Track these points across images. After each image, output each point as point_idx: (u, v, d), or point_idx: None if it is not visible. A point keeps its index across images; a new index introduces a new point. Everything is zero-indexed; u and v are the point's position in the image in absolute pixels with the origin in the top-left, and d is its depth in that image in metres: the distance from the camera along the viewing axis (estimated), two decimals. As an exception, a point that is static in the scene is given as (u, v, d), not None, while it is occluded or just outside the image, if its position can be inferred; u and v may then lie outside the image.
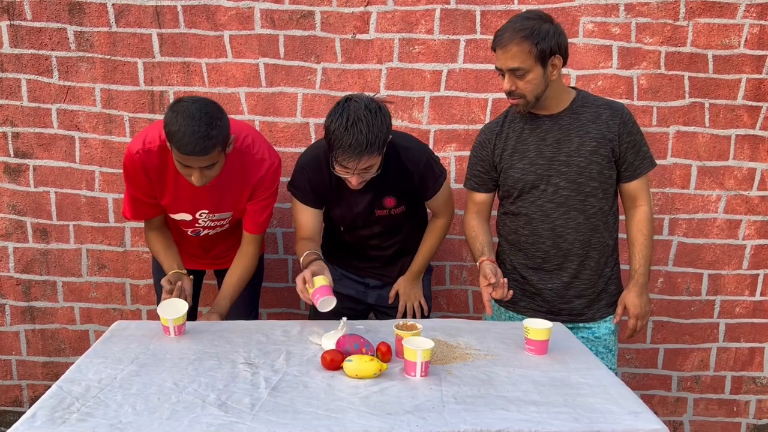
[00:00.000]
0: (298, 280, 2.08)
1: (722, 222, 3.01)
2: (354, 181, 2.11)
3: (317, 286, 2.03)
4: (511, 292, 2.14)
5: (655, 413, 1.58)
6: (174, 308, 2.02)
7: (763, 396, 3.19)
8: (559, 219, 2.19)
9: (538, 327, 1.90)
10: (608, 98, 2.29)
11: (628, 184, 2.22)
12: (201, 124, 1.94)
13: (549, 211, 2.19)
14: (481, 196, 2.34)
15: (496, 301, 2.35)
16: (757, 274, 3.06)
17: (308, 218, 2.35)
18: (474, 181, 2.34)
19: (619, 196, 2.28)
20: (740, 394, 3.19)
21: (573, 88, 2.23)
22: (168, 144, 2.05)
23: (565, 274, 2.24)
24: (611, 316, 2.29)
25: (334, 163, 2.09)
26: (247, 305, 2.60)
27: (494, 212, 2.43)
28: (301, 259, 2.23)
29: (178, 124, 1.94)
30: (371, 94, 2.13)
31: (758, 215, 3.01)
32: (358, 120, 1.99)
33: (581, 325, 2.28)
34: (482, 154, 2.28)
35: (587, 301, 2.26)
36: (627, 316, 2.25)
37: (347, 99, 2.07)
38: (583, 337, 2.27)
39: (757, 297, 3.08)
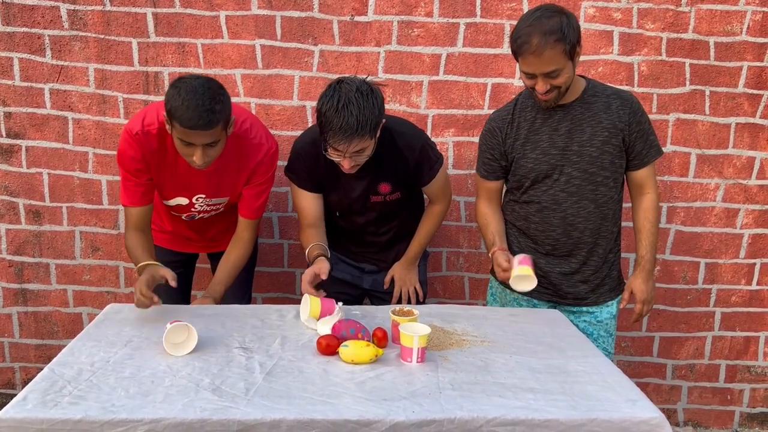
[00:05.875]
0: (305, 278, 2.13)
1: (720, 210, 3.00)
2: (346, 164, 2.09)
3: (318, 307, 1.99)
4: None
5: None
6: (181, 335, 1.78)
7: (757, 385, 3.20)
8: (570, 208, 2.18)
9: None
10: (615, 86, 2.27)
11: (635, 173, 2.21)
12: (205, 99, 1.93)
13: (561, 200, 2.18)
14: (489, 184, 2.32)
15: (501, 282, 2.35)
16: (754, 263, 3.06)
17: (309, 203, 2.33)
18: (483, 170, 2.31)
19: (625, 184, 2.27)
20: (734, 382, 3.20)
21: (580, 76, 2.19)
22: (167, 124, 2.02)
23: (574, 261, 2.25)
24: (613, 301, 2.31)
25: (326, 146, 2.07)
26: (242, 289, 2.58)
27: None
28: (306, 252, 2.27)
29: (181, 99, 1.92)
30: (365, 77, 2.10)
31: (756, 204, 3.00)
32: (349, 102, 1.98)
33: (584, 309, 2.29)
34: (492, 143, 2.25)
35: (592, 286, 2.27)
36: (633, 301, 2.26)
37: (339, 81, 2.05)
38: (585, 320, 2.29)
39: (754, 286, 3.08)
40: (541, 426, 1.44)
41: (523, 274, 2.04)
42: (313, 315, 1.96)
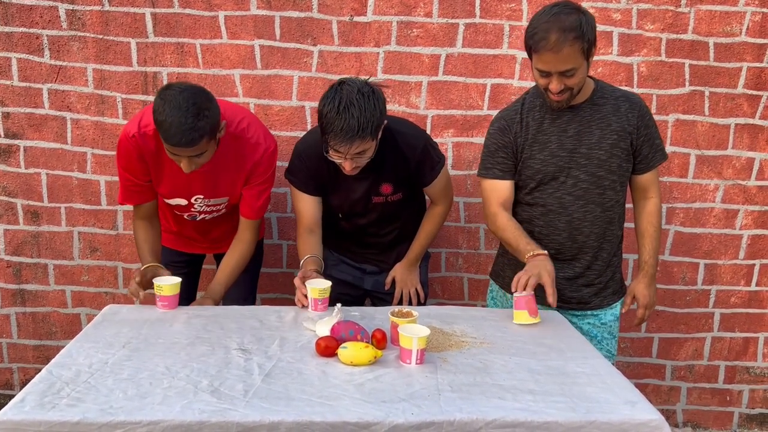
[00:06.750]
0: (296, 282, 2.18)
1: (719, 211, 3.00)
2: (347, 166, 2.08)
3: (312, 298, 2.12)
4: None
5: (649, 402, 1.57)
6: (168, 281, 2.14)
7: (756, 386, 3.20)
8: (577, 212, 2.15)
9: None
10: (623, 88, 2.24)
11: (641, 176, 2.19)
12: (188, 116, 1.91)
13: (567, 203, 2.15)
14: (505, 185, 2.19)
15: (500, 286, 2.34)
16: (753, 264, 3.06)
17: (308, 206, 2.32)
18: (498, 169, 2.19)
19: (628, 187, 2.25)
20: (733, 383, 3.20)
21: (589, 77, 2.12)
22: None
23: (578, 265, 2.21)
24: (616, 303, 2.30)
25: (327, 148, 2.07)
26: (246, 290, 2.58)
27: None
28: (301, 263, 2.27)
29: (165, 115, 1.92)
30: (366, 78, 2.10)
31: (756, 205, 2.99)
32: (351, 104, 1.97)
33: (588, 312, 2.28)
34: (505, 140, 2.17)
35: (595, 290, 2.25)
36: (635, 305, 2.26)
37: (341, 83, 2.04)
38: (589, 323, 2.28)
39: (753, 287, 3.08)
40: (540, 428, 1.43)
41: (522, 322, 2.02)
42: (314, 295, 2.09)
